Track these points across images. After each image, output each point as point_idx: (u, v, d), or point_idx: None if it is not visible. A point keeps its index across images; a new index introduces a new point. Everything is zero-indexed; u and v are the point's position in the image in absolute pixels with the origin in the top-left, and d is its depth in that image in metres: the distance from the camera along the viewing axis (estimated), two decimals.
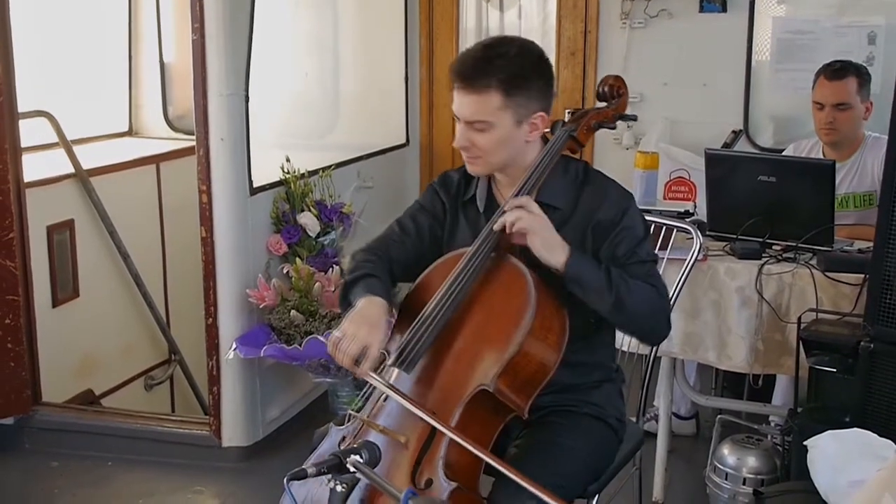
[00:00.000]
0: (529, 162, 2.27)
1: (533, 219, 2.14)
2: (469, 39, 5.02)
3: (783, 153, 3.89)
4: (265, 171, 3.73)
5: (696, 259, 2.80)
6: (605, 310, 2.18)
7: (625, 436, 2.46)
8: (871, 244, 3.21)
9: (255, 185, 3.66)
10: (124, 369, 4.55)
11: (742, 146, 4.61)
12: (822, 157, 3.70)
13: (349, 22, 4.73)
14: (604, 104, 2.46)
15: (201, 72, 3.48)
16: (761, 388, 3.53)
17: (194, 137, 4.74)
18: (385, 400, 2.18)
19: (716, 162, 3.36)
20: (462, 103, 2.19)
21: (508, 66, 2.16)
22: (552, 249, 2.14)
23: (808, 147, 3.79)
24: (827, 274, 3.06)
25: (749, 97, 4.63)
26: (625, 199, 2.29)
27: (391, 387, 2.09)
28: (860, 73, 3.60)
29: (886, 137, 3.57)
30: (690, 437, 3.95)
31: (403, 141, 5.03)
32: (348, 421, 2.22)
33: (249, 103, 3.57)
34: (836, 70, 3.58)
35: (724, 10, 4.53)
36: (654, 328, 2.28)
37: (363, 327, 2.11)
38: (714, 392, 4.02)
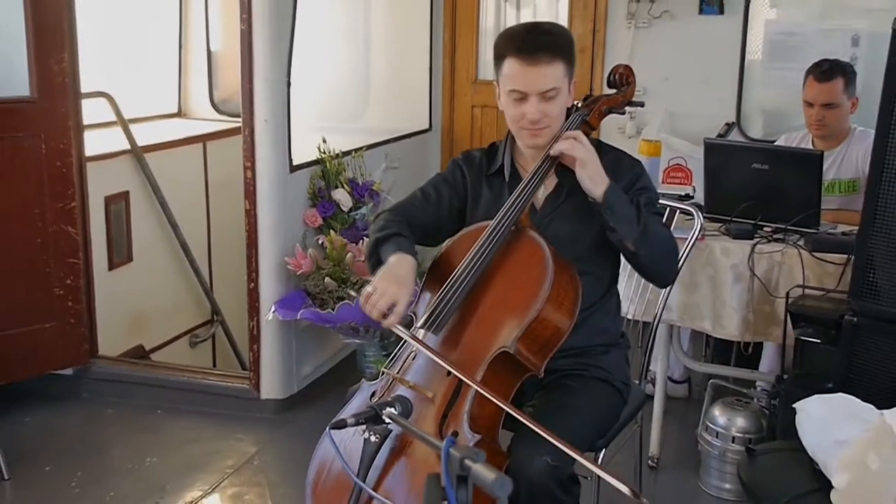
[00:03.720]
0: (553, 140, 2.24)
1: (585, 150, 2.14)
2: (488, 36, 4.96)
3: (775, 143, 3.84)
4: (303, 150, 3.70)
5: (697, 237, 2.76)
6: (634, 239, 2.15)
7: (629, 397, 2.44)
8: (853, 227, 3.20)
9: (295, 163, 3.63)
10: (171, 327, 4.54)
11: (734, 137, 4.55)
12: (811, 146, 3.66)
13: (380, 17, 4.69)
14: (613, 91, 2.42)
15: (248, 59, 3.44)
16: (748, 356, 3.51)
17: (238, 119, 4.75)
18: (414, 358, 2.16)
19: (714, 150, 3.32)
20: (537, 76, 2.14)
21: (562, 39, 2.20)
22: (596, 179, 2.14)
23: (799, 138, 3.75)
24: (814, 254, 3.04)
25: (742, 92, 4.56)
26: (637, 165, 2.34)
27: (417, 339, 2.06)
28: (846, 73, 3.54)
29: (871, 131, 3.58)
30: (683, 399, 3.92)
31: (427, 126, 4.98)
32: (381, 377, 2.21)
33: (291, 88, 3.54)
34: (825, 71, 3.52)
35: (722, 12, 4.46)
36: (668, 266, 2.29)
37: (393, 284, 2.08)
38: (704, 359, 4.00)
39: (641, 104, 2.46)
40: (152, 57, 5.11)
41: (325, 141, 3.81)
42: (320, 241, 3.69)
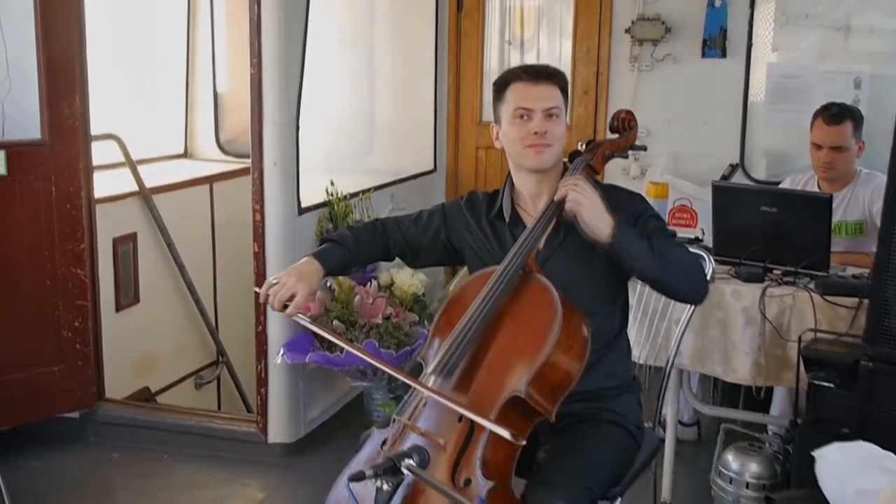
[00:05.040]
0: (555, 184, 2.23)
1: (586, 194, 2.10)
2: (492, 78, 4.92)
3: (780, 185, 3.82)
4: (310, 192, 3.66)
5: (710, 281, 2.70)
6: (653, 271, 2.13)
7: (643, 441, 2.39)
8: (863, 270, 3.17)
9: (303, 205, 3.60)
10: (177, 369, 4.47)
11: (738, 178, 4.54)
12: (817, 189, 3.65)
13: (385, 59, 4.69)
14: (615, 135, 2.41)
15: (258, 102, 3.41)
16: (756, 397, 3.48)
17: (243, 160, 4.75)
18: (425, 405, 2.11)
19: (722, 193, 3.29)
20: (541, 93, 2.20)
21: (561, 73, 2.28)
22: (601, 221, 2.09)
23: (805, 180, 3.72)
24: (825, 297, 2.99)
25: (745, 134, 4.56)
26: (637, 197, 2.35)
27: (319, 326, 2.29)
28: (855, 117, 3.52)
29: (876, 173, 3.61)
30: (692, 442, 3.85)
31: (431, 168, 4.96)
32: (391, 424, 2.16)
33: (299, 131, 3.51)
34: (834, 115, 3.50)
35: (724, 55, 4.46)
36: (697, 283, 2.24)
37: (293, 278, 2.19)
38: (713, 401, 3.94)
39: (644, 148, 2.45)
40: (159, 98, 5.09)
41: (332, 183, 3.77)
42: (328, 284, 3.64)
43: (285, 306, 2.19)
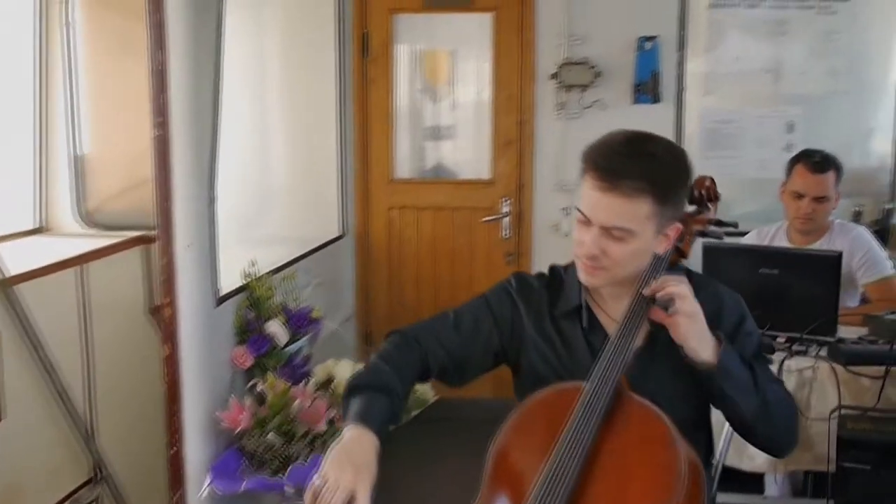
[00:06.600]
0: (638, 278, 1.74)
1: (694, 305, 1.65)
2: (402, 131, 4.42)
3: (744, 239, 3.51)
4: (225, 277, 3.00)
5: None
6: (751, 409, 1.71)
7: None
8: (858, 329, 2.91)
9: (220, 293, 2.93)
10: (50, 495, 3.59)
11: None
12: (787, 241, 3.37)
13: (280, 112, 4.09)
14: (695, 207, 1.96)
15: (163, 172, 2.71)
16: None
17: (112, 234, 4.01)
18: None
19: (715, 255, 2.93)
20: (605, 206, 1.65)
21: (663, 170, 1.67)
22: (705, 341, 1.66)
23: (773, 233, 3.44)
24: (848, 368, 2.67)
25: None
26: (740, 303, 1.87)
27: None
28: (837, 167, 3.29)
29: (852, 224, 3.40)
30: None
31: (339, 233, 4.35)
32: None
33: (216, 204, 2.86)
34: (818, 163, 3.24)
35: (657, 100, 4.16)
36: (790, 433, 1.82)
37: (347, 471, 1.56)
38: None
39: (735, 225, 2.00)
40: (2, 163, 4.22)
41: (254, 264, 3.12)
42: (258, 388, 2.96)
43: None
